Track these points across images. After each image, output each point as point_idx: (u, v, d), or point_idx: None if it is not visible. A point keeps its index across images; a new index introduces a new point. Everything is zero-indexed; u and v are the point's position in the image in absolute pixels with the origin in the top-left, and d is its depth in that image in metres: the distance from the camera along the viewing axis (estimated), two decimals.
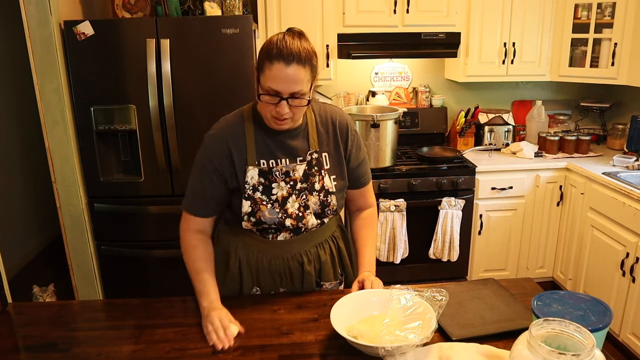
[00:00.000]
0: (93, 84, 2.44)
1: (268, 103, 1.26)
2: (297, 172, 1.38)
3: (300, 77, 1.22)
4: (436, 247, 2.96)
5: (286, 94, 1.23)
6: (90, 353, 1.18)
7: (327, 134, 1.42)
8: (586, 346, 0.85)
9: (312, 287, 1.48)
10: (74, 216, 2.57)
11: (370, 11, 2.95)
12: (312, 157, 1.39)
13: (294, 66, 1.21)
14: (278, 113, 1.26)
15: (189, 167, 1.45)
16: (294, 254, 1.44)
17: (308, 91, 1.27)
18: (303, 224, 1.39)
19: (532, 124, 3.42)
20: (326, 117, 1.43)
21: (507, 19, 3.06)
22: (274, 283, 1.47)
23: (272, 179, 1.36)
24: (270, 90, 1.23)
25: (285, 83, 1.21)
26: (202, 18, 2.49)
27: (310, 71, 1.25)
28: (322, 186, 1.39)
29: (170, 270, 2.68)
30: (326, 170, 1.41)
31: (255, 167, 1.35)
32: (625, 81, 2.91)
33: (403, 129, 3.33)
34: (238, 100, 2.54)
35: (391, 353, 1.06)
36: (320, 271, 1.48)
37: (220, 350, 1.18)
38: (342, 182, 1.45)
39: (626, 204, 2.48)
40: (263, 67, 1.23)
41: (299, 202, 1.38)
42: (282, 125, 1.31)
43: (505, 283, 1.47)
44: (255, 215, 1.36)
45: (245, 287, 1.46)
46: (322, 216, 1.42)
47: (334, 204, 1.41)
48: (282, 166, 1.37)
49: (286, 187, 1.37)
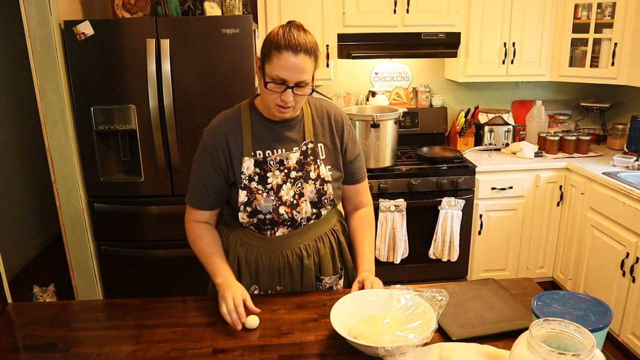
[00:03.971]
0: (93, 84, 2.44)
1: (273, 91, 1.30)
2: (291, 160, 1.41)
3: (306, 67, 1.28)
4: (436, 247, 2.96)
5: (292, 82, 1.28)
6: (90, 353, 1.18)
7: (322, 125, 1.46)
8: (586, 346, 0.85)
9: (311, 282, 1.48)
10: (74, 216, 2.57)
11: (370, 11, 2.95)
12: (307, 147, 1.43)
13: (302, 56, 1.26)
14: (283, 101, 1.30)
15: (189, 167, 1.46)
16: (293, 249, 1.45)
17: (311, 81, 1.32)
18: (297, 212, 1.40)
19: (532, 124, 3.42)
20: (322, 110, 1.48)
21: (507, 19, 3.06)
22: (273, 280, 1.47)
23: (267, 169, 1.39)
24: (276, 79, 1.28)
25: (293, 72, 1.26)
26: (202, 18, 2.49)
27: (314, 62, 1.31)
28: (318, 175, 1.42)
29: (170, 270, 2.68)
30: (322, 160, 1.43)
31: (251, 158, 1.39)
32: (625, 81, 2.91)
33: (403, 129, 3.33)
34: (238, 100, 2.53)
35: (391, 353, 1.06)
36: (320, 265, 1.49)
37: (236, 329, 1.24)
38: (338, 173, 1.47)
39: (626, 204, 2.48)
40: (270, 57, 1.28)
41: (294, 189, 1.40)
42: (284, 114, 1.35)
43: (505, 283, 1.47)
44: (251, 204, 1.38)
45: (243, 285, 1.46)
46: (318, 205, 1.43)
47: (331, 193, 1.43)
48: (277, 155, 1.40)
49: (280, 175, 1.40)
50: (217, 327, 1.29)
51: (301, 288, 1.48)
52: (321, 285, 1.51)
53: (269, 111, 1.38)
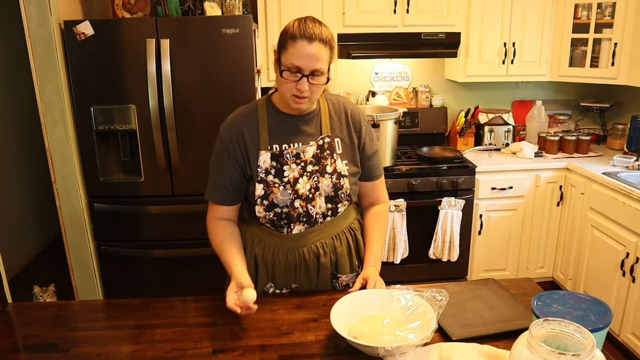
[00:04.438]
0: (93, 84, 2.44)
1: (289, 80, 1.31)
2: (307, 153, 1.41)
3: (321, 55, 1.29)
4: (436, 247, 2.96)
5: (307, 70, 1.29)
6: (90, 353, 1.18)
7: (339, 121, 1.47)
8: (586, 346, 0.85)
9: (327, 279, 1.48)
10: (74, 216, 2.57)
11: (370, 11, 2.95)
12: (324, 141, 1.43)
13: (316, 44, 1.28)
14: (298, 90, 1.31)
15: (189, 167, 1.46)
16: (310, 247, 1.45)
17: (327, 71, 1.33)
18: (312, 206, 1.40)
19: (532, 124, 3.42)
20: (339, 105, 1.49)
21: (507, 19, 3.06)
22: (289, 278, 1.48)
23: (284, 162, 1.40)
24: (292, 67, 1.29)
25: (307, 60, 1.28)
26: (202, 18, 2.49)
27: (329, 52, 1.32)
28: (335, 169, 1.42)
29: (170, 270, 2.68)
30: (338, 155, 1.44)
31: (268, 152, 1.40)
32: (625, 81, 2.91)
33: (403, 129, 3.33)
34: (238, 100, 2.53)
35: (391, 353, 1.06)
36: (337, 263, 1.49)
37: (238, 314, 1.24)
38: (355, 168, 1.48)
39: (626, 204, 2.48)
40: (286, 46, 1.30)
41: (310, 183, 1.41)
42: (300, 104, 1.35)
43: (505, 283, 1.47)
44: (268, 197, 1.39)
45: (259, 283, 1.48)
46: (335, 200, 1.43)
47: (347, 187, 1.43)
48: (293, 149, 1.41)
49: (297, 169, 1.40)
50: (217, 327, 1.29)
51: (317, 286, 1.48)
52: (337, 283, 1.51)
53: (285, 104, 1.39)
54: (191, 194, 2.59)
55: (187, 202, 2.59)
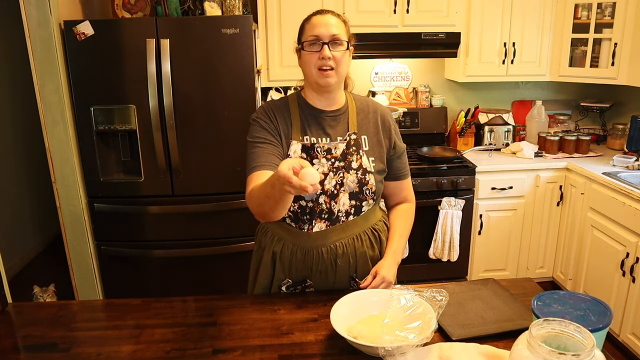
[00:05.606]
0: (93, 84, 2.44)
1: (311, 51, 1.36)
2: (338, 150, 1.42)
3: (336, 23, 1.38)
4: (436, 247, 2.96)
5: (326, 37, 1.35)
6: (90, 353, 1.18)
7: (367, 119, 1.49)
8: (586, 346, 0.85)
9: (344, 282, 1.46)
10: (74, 216, 2.57)
11: (370, 11, 2.95)
12: (350, 138, 1.44)
13: (329, 15, 1.39)
14: (322, 60, 1.35)
15: (189, 167, 1.45)
16: (329, 246, 1.42)
17: (346, 40, 1.39)
18: (335, 202, 1.40)
19: (532, 124, 3.42)
20: (367, 104, 1.52)
21: (507, 19, 3.06)
22: (306, 275, 1.46)
23: (314, 155, 1.40)
24: (311, 39, 1.36)
25: (324, 27, 1.35)
26: (202, 18, 2.49)
27: (345, 27, 1.40)
28: (360, 165, 1.42)
29: (170, 270, 2.68)
30: (364, 151, 1.45)
31: (299, 142, 1.41)
32: (625, 81, 2.91)
33: (403, 129, 3.32)
34: (238, 100, 2.54)
35: (391, 353, 1.06)
36: (356, 265, 1.46)
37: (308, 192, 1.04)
38: (382, 165, 1.47)
39: (626, 204, 2.48)
40: (303, 29, 1.40)
41: (336, 179, 1.40)
42: (327, 77, 1.37)
43: (505, 283, 1.47)
44: None
45: (275, 280, 1.47)
46: (359, 197, 1.42)
47: (373, 184, 1.43)
48: (325, 143, 1.42)
49: (327, 164, 1.40)
50: (217, 327, 1.28)
51: (334, 287, 1.46)
52: (355, 284, 1.48)
53: (314, 85, 1.41)
54: (191, 194, 2.59)
55: (187, 202, 2.59)
